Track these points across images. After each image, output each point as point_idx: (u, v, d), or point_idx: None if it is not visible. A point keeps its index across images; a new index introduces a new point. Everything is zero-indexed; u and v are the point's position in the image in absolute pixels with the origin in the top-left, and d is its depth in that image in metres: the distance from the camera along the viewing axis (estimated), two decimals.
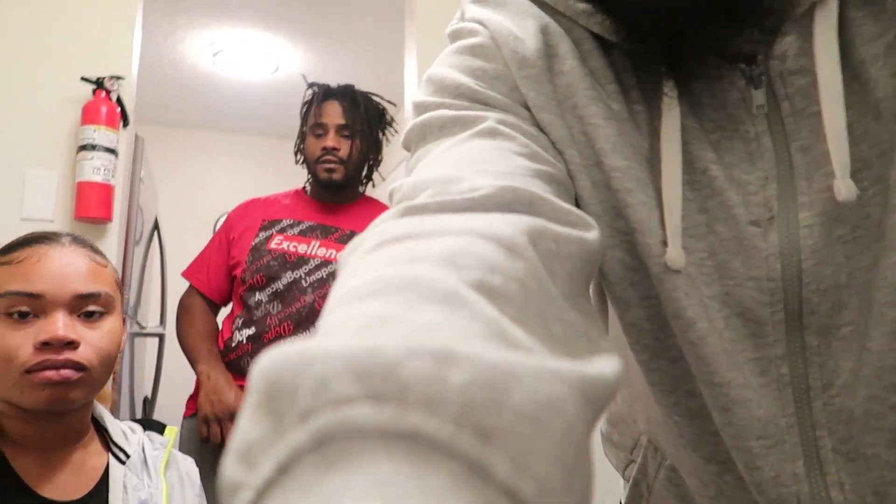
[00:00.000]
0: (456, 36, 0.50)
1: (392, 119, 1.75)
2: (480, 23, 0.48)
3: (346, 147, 1.61)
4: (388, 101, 1.74)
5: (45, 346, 0.75)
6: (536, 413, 0.19)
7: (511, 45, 0.45)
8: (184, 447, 1.56)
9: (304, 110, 1.68)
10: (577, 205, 0.45)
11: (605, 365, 0.26)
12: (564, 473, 0.19)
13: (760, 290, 0.43)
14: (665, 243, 0.43)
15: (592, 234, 0.36)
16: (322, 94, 1.64)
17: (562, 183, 0.42)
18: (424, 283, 0.24)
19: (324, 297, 1.53)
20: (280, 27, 3.02)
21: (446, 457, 0.17)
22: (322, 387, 0.18)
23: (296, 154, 1.72)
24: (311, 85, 1.70)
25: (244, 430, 0.19)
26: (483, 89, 0.44)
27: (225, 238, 1.65)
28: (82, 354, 0.77)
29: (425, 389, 0.18)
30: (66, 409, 0.78)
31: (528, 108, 0.45)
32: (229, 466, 0.19)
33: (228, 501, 0.18)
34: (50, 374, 0.74)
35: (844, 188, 0.39)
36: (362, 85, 3.06)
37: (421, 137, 0.44)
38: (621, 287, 0.46)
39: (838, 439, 0.42)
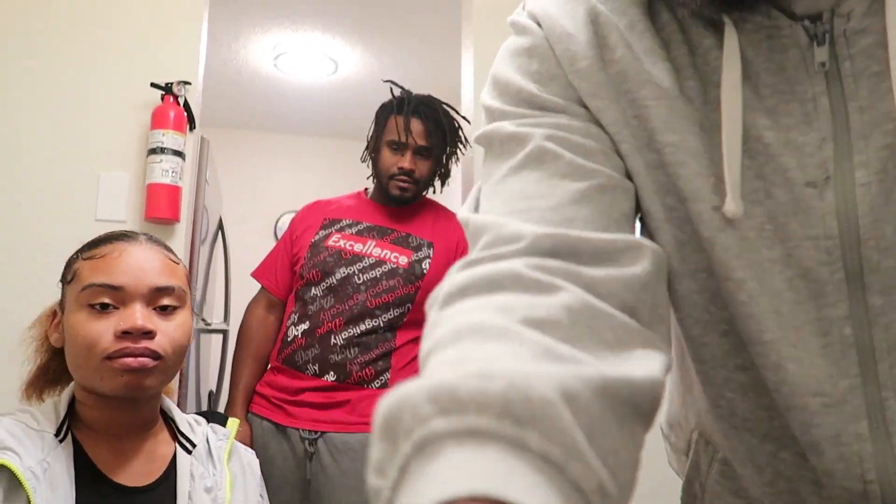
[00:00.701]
0: (514, 28, 0.53)
1: (465, 137, 1.73)
2: (535, 19, 0.51)
3: (422, 168, 1.63)
4: (463, 117, 1.73)
5: (125, 334, 0.79)
6: (557, 402, 0.27)
7: (563, 43, 0.49)
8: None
9: (383, 117, 1.66)
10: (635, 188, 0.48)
11: (642, 365, 0.35)
12: (585, 441, 0.27)
13: (818, 250, 0.43)
14: (717, 208, 0.44)
15: (638, 268, 0.40)
16: (406, 108, 1.61)
17: (613, 188, 0.45)
18: (485, 327, 0.33)
19: (376, 296, 1.56)
20: (338, 29, 3.07)
21: (494, 440, 0.26)
22: (414, 412, 0.27)
23: (367, 158, 1.71)
24: (393, 92, 1.68)
25: (376, 453, 0.28)
26: (540, 93, 0.49)
27: (289, 238, 1.72)
28: (158, 343, 0.81)
29: (475, 400, 0.27)
30: (141, 395, 0.82)
31: (582, 104, 0.48)
32: (371, 479, 0.28)
33: (376, 502, 0.27)
34: (129, 360, 0.79)
35: None
36: (420, 85, 3.07)
37: (488, 147, 0.50)
38: (673, 261, 0.47)
39: None
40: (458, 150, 1.72)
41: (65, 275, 0.87)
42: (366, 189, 1.75)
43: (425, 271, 1.60)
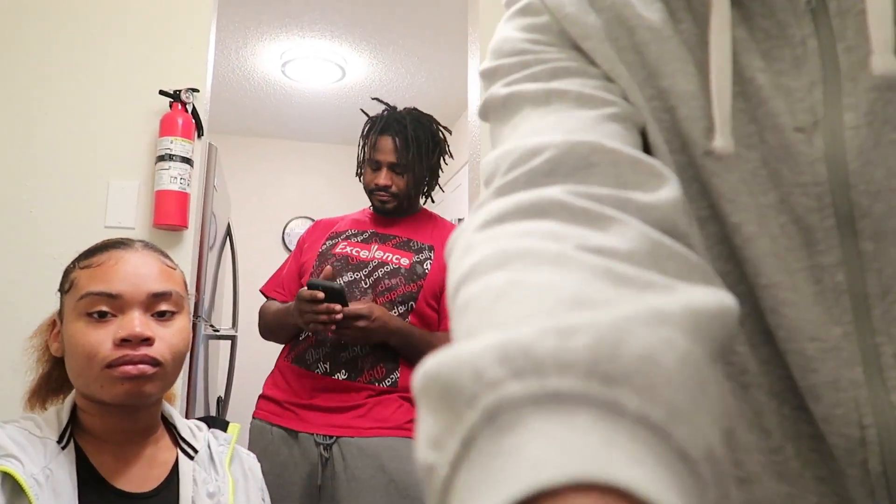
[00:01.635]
0: (509, 2, 0.54)
1: (447, 147, 1.76)
2: None
3: (398, 182, 1.66)
4: (444, 127, 1.75)
5: (124, 342, 0.80)
6: (651, 354, 0.23)
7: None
8: (251, 446, 1.61)
9: (362, 136, 1.73)
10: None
11: (718, 293, 0.30)
12: (689, 397, 0.24)
13: (808, 197, 0.42)
14: (709, 153, 0.43)
15: (678, 191, 0.38)
16: (376, 127, 1.68)
17: (626, 118, 0.44)
18: (535, 251, 0.30)
19: (379, 294, 1.58)
20: (346, 36, 3.08)
21: (584, 404, 0.22)
22: (478, 375, 0.23)
23: (357, 174, 1.77)
24: (369, 117, 1.74)
25: (427, 424, 0.24)
26: (532, 45, 0.48)
27: (297, 252, 1.77)
28: (157, 350, 0.82)
29: (555, 359, 0.23)
30: (141, 402, 0.83)
31: (577, 47, 0.47)
32: (421, 453, 0.24)
33: (426, 480, 0.24)
34: (128, 368, 0.79)
35: (882, 62, 0.37)
36: (427, 91, 3.09)
37: (486, 118, 0.49)
38: None
39: None
40: (441, 161, 1.74)
41: (62, 284, 0.87)
42: (371, 205, 1.80)
43: (427, 271, 1.63)
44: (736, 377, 0.48)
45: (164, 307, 0.85)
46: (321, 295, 1.47)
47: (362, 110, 1.85)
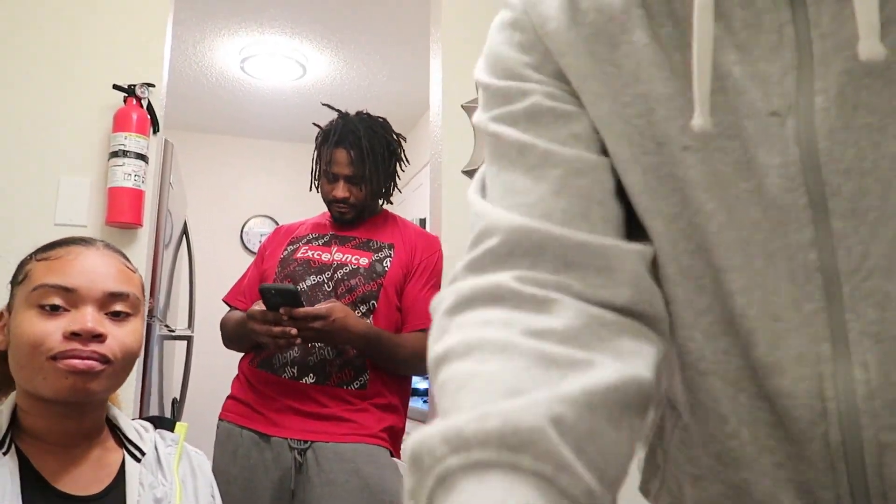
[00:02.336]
0: (504, 3, 0.60)
1: (403, 153, 1.76)
2: None
3: (355, 193, 1.66)
4: (399, 134, 1.75)
5: (74, 336, 0.78)
6: (543, 428, 0.34)
7: (536, 9, 0.54)
8: (219, 449, 1.58)
9: (316, 148, 1.72)
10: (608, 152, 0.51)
11: (630, 364, 0.41)
12: (573, 454, 0.34)
13: (782, 177, 0.44)
14: (687, 148, 0.47)
15: (620, 275, 0.47)
16: (331, 139, 1.66)
17: (592, 169, 0.49)
18: (489, 342, 0.41)
19: (341, 296, 1.58)
20: (307, 33, 3.05)
21: (495, 467, 0.33)
22: (431, 452, 0.34)
23: (314, 185, 1.76)
24: (321, 128, 1.73)
25: (408, 483, 0.35)
26: (521, 68, 0.53)
27: (259, 258, 1.77)
28: (108, 347, 0.80)
29: (476, 437, 0.34)
30: (86, 399, 0.80)
31: (559, 75, 0.53)
32: (407, 501, 0.35)
33: None
34: (75, 362, 0.77)
35: (867, 48, 0.38)
36: (389, 91, 3.10)
37: (480, 136, 0.62)
38: (643, 206, 0.50)
39: (867, 322, 0.43)
40: (398, 167, 1.74)
41: (16, 275, 0.84)
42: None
43: (386, 269, 1.63)
44: (694, 365, 0.50)
45: (119, 307, 0.83)
46: (263, 308, 1.46)
47: (323, 104, 1.84)
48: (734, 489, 0.50)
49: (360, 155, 1.63)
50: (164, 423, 0.94)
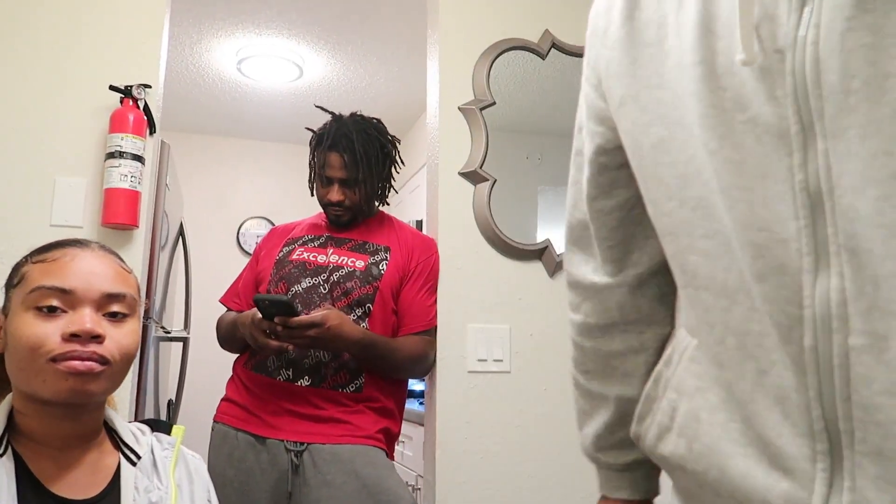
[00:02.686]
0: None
1: (397, 155, 1.76)
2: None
3: (350, 196, 1.67)
4: (393, 137, 1.75)
5: (73, 337, 0.78)
6: None
7: (590, 20, 0.71)
8: (214, 451, 1.57)
9: (311, 152, 1.72)
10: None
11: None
12: None
13: (779, 106, 0.48)
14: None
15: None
16: (324, 143, 1.67)
17: (629, 211, 0.73)
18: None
19: (337, 299, 1.58)
20: (304, 35, 3.05)
21: None
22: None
23: (309, 188, 1.75)
24: (315, 132, 1.73)
25: None
26: (585, 120, 0.77)
27: (254, 260, 1.77)
28: (106, 348, 0.80)
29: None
30: (85, 401, 0.80)
31: (606, 116, 0.71)
32: None
33: None
34: (75, 363, 0.77)
35: None
36: (386, 92, 3.10)
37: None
38: (648, 158, 0.61)
39: (846, 236, 0.46)
40: (393, 170, 1.75)
41: (11, 278, 0.84)
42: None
43: (382, 272, 1.63)
44: (691, 282, 0.58)
45: (116, 308, 0.83)
46: (258, 315, 1.47)
47: (317, 105, 1.84)
48: (719, 388, 0.56)
49: (354, 158, 1.63)
50: (160, 426, 0.94)
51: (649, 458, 0.66)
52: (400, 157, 1.78)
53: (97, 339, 0.79)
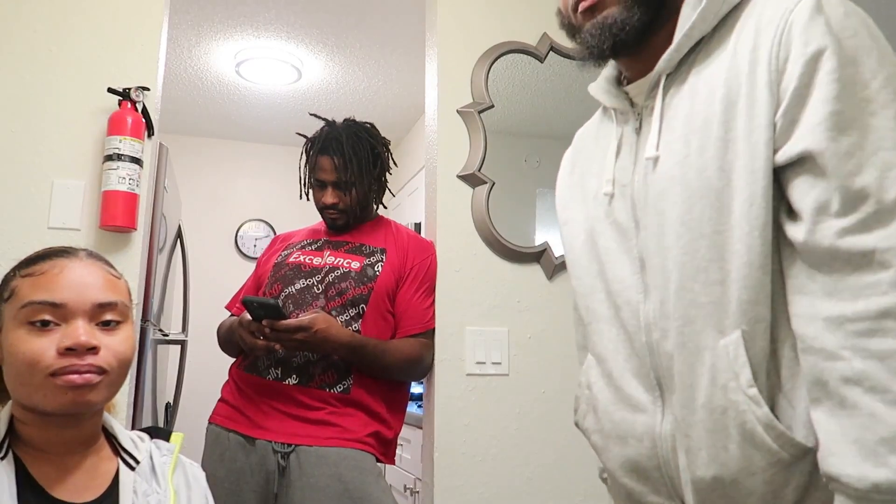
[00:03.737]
0: None
1: (389, 157, 1.78)
2: None
3: (344, 199, 1.69)
4: (384, 139, 1.77)
5: (69, 351, 0.78)
6: None
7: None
8: (207, 452, 1.58)
9: (302, 159, 1.75)
10: None
11: None
12: None
13: (625, 214, 0.91)
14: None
15: None
16: (315, 147, 1.69)
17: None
18: None
19: (330, 299, 1.59)
20: (302, 38, 3.05)
21: None
22: None
23: (303, 192, 1.77)
24: (308, 138, 1.75)
25: None
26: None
27: (257, 266, 1.81)
28: (103, 358, 0.81)
29: None
30: (87, 411, 0.82)
31: None
32: None
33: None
34: (74, 377, 0.78)
35: (648, 153, 0.85)
36: (384, 95, 3.09)
37: None
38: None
39: (654, 279, 0.84)
40: (385, 172, 1.76)
41: (1, 292, 0.84)
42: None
43: (377, 273, 1.63)
44: (592, 320, 0.94)
45: (109, 317, 0.84)
46: (248, 318, 1.50)
47: (311, 114, 1.85)
48: (608, 378, 0.90)
49: (344, 161, 1.66)
50: (160, 433, 0.95)
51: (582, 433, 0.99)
52: (393, 159, 1.80)
53: (93, 350, 0.80)
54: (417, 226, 3.24)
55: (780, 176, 0.72)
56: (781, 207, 0.73)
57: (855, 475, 0.61)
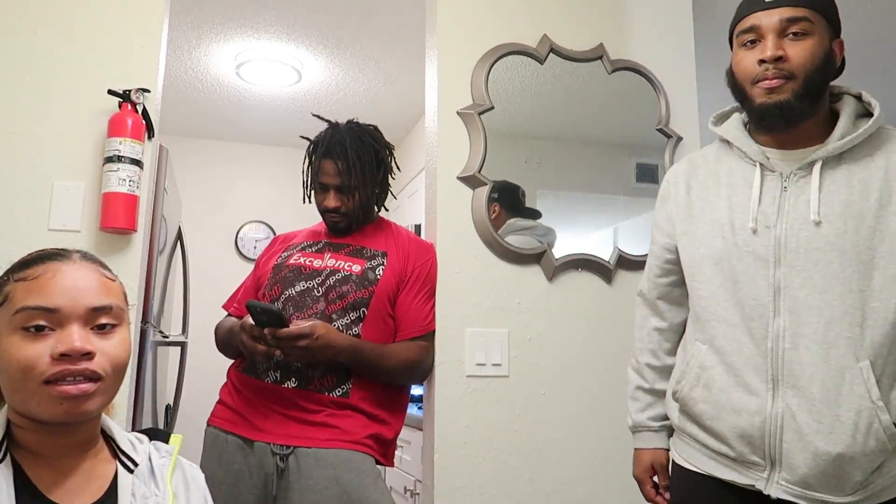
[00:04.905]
0: None
1: (393, 161, 1.78)
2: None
3: (346, 203, 1.68)
4: (388, 143, 1.76)
5: (63, 357, 0.77)
6: None
7: (661, 190, 1.40)
8: (205, 454, 1.58)
9: (306, 159, 1.74)
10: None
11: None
12: None
13: (765, 248, 1.19)
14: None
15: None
16: (319, 151, 1.68)
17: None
18: None
19: (331, 302, 1.58)
20: (302, 39, 3.05)
21: None
22: None
23: (307, 196, 1.76)
24: (311, 140, 1.75)
25: None
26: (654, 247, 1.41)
27: (256, 266, 1.80)
28: (98, 363, 0.80)
29: None
30: (83, 419, 0.81)
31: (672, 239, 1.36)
32: None
33: None
34: (68, 388, 0.77)
35: (812, 214, 1.13)
36: (384, 97, 3.08)
37: None
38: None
39: (788, 300, 1.14)
40: (388, 176, 1.76)
41: (3, 295, 0.83)
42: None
43: (379, 277, 1.63)
44: (711, 318, 1.21)
45: (103, 321, 0.82)
46: (250, 322, 1.49)
47: (313, 114, 1.85)
48: (728, 367, 1.18)
49: (348, 165, 1.65)
50: (158, 434, 0.94)
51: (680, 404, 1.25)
52: (396, 164, 1.79)
53: (87, 355, 0.79)
54: (417, 227, 3.24)
55: None
56: None
57: None
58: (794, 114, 1.11)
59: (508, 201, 1.87)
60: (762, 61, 1.12)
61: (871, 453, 1.04)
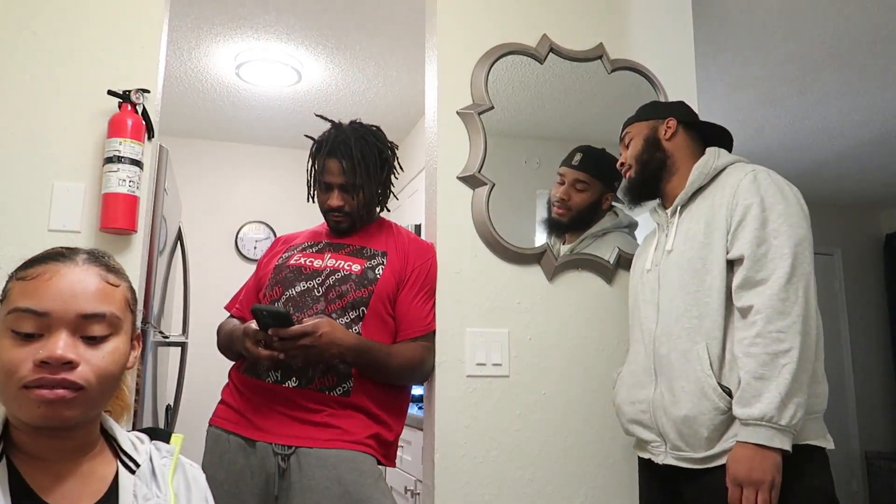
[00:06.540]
0: None
1: (396, 161, 1.78)
2: None
3: (349, 202, 1.68)
4: (391, 143, 1.76)
5: (44, 364, 0.76)
6: None
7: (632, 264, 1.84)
8: (207, 454, 1.57)
9: (310, 159, 1.74)
10: None
11: None
12: None
13: (649, 287, 1.66)
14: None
15: None
16: (323, 150, 1.68)
17: None
18: None
19: (331, 302, 1.58)
20: (302, 39, 3.05)
21: None
22: None
23: (309, 194, 1.76)
24: (315, 139, 1.75)
25: None
26: None
27: (258, 267, 1.80)
28: (80, 374, 0.78)
29: None
30: (61, 425, 0.79)
31: None
32: None
33: None
34: (44, 392, 0.76)
35: (667, 245, 1.58)
36: (384, 97, 3.07)
37: None
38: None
39: (656, 327, 1.55)
40: (391, 176, 1.76)
41: (3, 293, 0.84)
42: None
43: (378, 276, 1.63)
44: (632, 336, 1.69)
45: (95, 331, 0.80)
46: (254, 327, 1.49)
47: (317, 114, 1.85)
48: (628, 369, 1.64)
49: (352, 164, 1.65)
50: (159, 434, 0.93)
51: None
52: (399, 164, 1.79)
53: (68, 364, 0.77)
54: (417, 227, 3.24)
55: (731, 266, 1.42)
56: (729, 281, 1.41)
57: (741, 414, 1.30)
58: (645, 195, 1.67)
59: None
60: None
61: (708, 412, 1.36)
